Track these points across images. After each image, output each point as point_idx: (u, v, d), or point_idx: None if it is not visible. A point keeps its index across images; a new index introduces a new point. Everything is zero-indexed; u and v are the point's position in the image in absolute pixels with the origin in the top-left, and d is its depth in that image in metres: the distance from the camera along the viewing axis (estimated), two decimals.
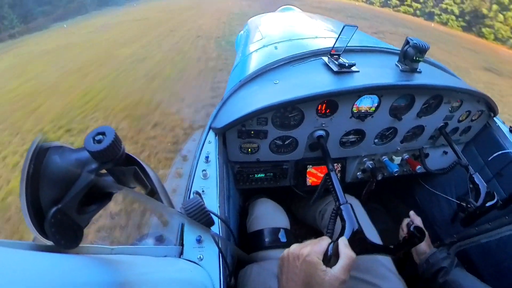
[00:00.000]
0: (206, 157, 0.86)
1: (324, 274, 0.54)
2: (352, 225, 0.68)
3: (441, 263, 0.96)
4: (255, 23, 2.08)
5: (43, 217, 0.30)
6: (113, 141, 0.33)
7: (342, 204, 0.74)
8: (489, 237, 1.10)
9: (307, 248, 0.59)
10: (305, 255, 0.57)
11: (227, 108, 0.98)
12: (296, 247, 0.61)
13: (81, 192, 0.33)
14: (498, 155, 1.11)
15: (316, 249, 0.58)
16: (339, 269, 0.54)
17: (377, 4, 23.11)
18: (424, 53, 0.95)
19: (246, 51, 1.55)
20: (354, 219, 0.69)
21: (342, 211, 0.72)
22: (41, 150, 0.31)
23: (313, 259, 0.56)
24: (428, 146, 1.25)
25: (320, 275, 0.54)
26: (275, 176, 1.16)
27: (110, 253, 0.47)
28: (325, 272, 0.54)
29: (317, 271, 0.54)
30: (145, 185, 0.43)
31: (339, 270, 0.54)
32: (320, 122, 0.99)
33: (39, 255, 0.31)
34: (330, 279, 0.53)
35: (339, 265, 0.55)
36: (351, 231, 0.67)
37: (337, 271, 0.54)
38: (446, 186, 1.34)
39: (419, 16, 19.76)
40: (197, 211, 0.58)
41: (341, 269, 0.54)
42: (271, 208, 1.13)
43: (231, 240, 0.83)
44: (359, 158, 1.20)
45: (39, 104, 4.73)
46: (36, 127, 4.00)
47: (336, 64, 0.98)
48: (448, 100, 1.07)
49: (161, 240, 0.81)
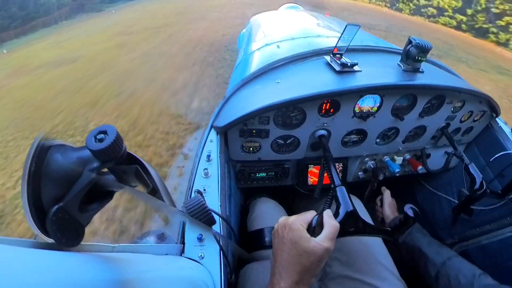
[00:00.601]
0: (207, 155, 0.86)
1: (308, 241, 0.56)
2: (346, 206, 0.68)
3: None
4: (257, 21, 2.07)
5: (45, 215, 0.30)
6: (115, 140, 0.33)
7: (337, 186, 0.74)
8: (490, 238, 1.09)
9: (293, 217, 0.62)
10: (290, 223, 0.60)
11: (229, 106, 0.98)
12: (283, 218, 0.64)
13: (83, 190, 0.33)
14: (500, 155, 1.11)
15: (301, 218, 0.62)
16: (323, 237, 0.57)
17: (406, 12, 17.55)
18: (427, 53, 0.94)
19: (248, 49, 1.54)
20: (348, 200, 0.69)
21: (336, 192, 0.73)
22: (43, 149, 0.31)
23: (296, 226, 0.59)
24: (430, 147, 1.25)
25: (304, 242, 0.56)
26: (276, 175, 1.16)
27: (111, 251, 0.47)
28: (309, 239, 0.56)
29: (302, 239, 0.56)
30: (146, 183, 0.43)
31: (323, 238, 0.56)
32: (322, 122, 0.99)
33: (41, 253, 0.31)
34: (314, 245, 0.55)
35: (322, 234, 0.57)
36: (344, 212, 0.67)
37: (321, 239, 0.56)
38: (447, 186, 1.34)
39: (466, 31, 13.98)
40: (199, 210, 0.58)
41: (325, 238, 0.57)
42: (271, 207, 1.13)
43: (232, 238, 0.84)
44: (360, 158, 1.19)
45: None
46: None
47: (338, 63, 0.98)
48: (451, 100, 1.06)
49: (162, 238, 0.81)
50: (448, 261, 0.88)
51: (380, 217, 1.15)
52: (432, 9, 16.24)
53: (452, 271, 0.85)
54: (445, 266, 0.87)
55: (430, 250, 0.93)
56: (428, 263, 0.91)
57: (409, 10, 17.57)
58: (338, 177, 0.79)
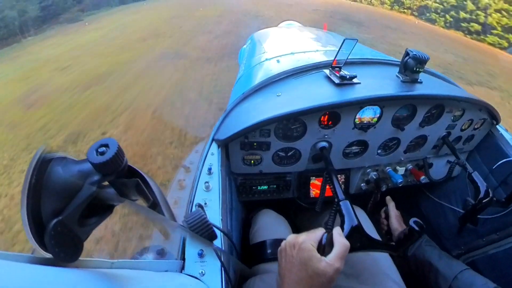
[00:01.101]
0: (208, 169, 0.85)
1: (318, 261, 0.54)
2: (351, 221, 0.67)
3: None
4: (258, 37, 2.13)
5: (44, 229, 0.30)
6: (116, 153, 0.33)
7: (341, 200, 0.73)
8: (497, 247, 1.07)
9: (302, 236, 0.60)
10: (300, 242, 0.58)
11: (230, 120, 0.99)
12: (292, 237, 0.62)
13: (83, 204, 0.33)
14: (502, 163, 1.10)
15: (310, 237, 0.60)
16: (333, 257, 0.55)
17: (441, 24, 14.08)
18: (424, 63, 0.96)
19: (249, 64, 1.58)
20: (353, 215, 0.68)
21: (341, 207, 0.71)
22: (44, 161, 0.31)
23: (307, 246, 0.57)
24: (432, 156, 1.24)
25: (314, 263, 0.54)
26: (278, 188, 1.15)
27: (110, 267, 0.46)
28: (319, 260, 0.54)
29: (312, 259, 0.55)
30: (147, 197, 0.42)
31: (333, 258, 0.55)
32: (323, 134, 0.99)
33: (38, 268, 0.30)
34: (325, 267, 0.53)
35: (333, 253, 0.56)
36: (350, 227, 0.66)
37: (331, 259, 0.55)
38: (451, 195, 1.32)
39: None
40: (199, 225, 0.57)
41: (335, 257, 0.55)
42: (273, 219, 1.11)
43: (234, 254, 0.82)
44: (362, 169, 1.18)
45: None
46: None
47: (337, 76, 0.99)
48: (450, 109, 1.07)
49: (162, 254, 0.79)
50: (460, 274, 0.85)
51: (384, 229, 1.13)
52: (476, 25, 12.47)
53: (464, 285, 0.82)
54: (456, 280, 0.85)
55: (440, 263, 0.90)
56: (439, 277, 0.88)
57: (444, 22, 14.07)
58: (342, 191, 0.78)
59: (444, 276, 0.87)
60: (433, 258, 0.93)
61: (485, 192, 0.95)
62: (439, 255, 0.93)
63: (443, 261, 0.91)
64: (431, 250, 0.95)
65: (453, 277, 0.85)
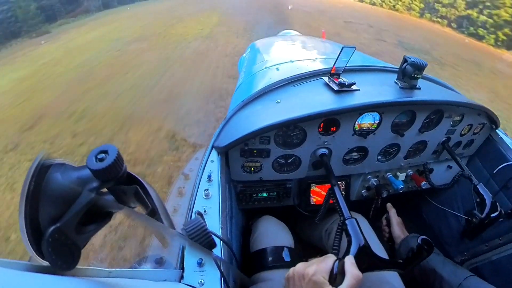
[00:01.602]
0: (208, 176, 0.85)
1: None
2: (358, 241, 0.66)
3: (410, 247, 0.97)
4: (257, 46, 2.16)
5: (41, 236, 0.29)
6: (115, 160, 0.33)
7: (347, 219, 0.72)
8: (500, 253, 1.06)
9: (313, 267, 0.57)
10: (311, 274, 0.56)
11: (230, 127, 0.99)
12: (301, 266, 0.60)
13: (81, 211, 0.32)
14: (503, 167, 1.10)
15: (321, 268, 0.57)
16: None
17: (491, 42, 11.59)
18: (422, 70, 0.97)
19: (248, 72, 1.60)
20: (360, 234, 0.67)
21: (347, 226, 0.70)
22: (43, 167, 0.31)
23: (319, 279, 0.55)
24: (432, 161, 1.24)
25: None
26: (278, 195, 1.14)
27: (108, 276, 0.45)
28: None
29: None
30: (146, 204, 0.42)
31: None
32: (323, 140, 0.99)
33: (34, 276, 0.30)
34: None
35: (344, 285, 0.54)
36: (357, 247, 0.65)
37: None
38: (453, 201, 1.31)
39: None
40: (199, 233, 0.57)
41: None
42: (274, 226, 1.10)
43: (234, 263, 0.80)
44: (363, 175, 1.18)
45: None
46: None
47: (336, 83, 1.00)
48: (449, 114, 1.07)
49: (160, 263, 0.78)
50: (465, 281, 0.84)
51: (386, 236, 1.12)
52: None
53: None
54: (461, 287, 0.83)
55: (445, 270, 0.89)
56: (443, 285, 0.87)
57: (494, 40, 11.50)
58: (347, 209, 0.77)
59: (449, 283, 0.86)
60: (437, 266, 0.91)
61: (491, 205, 0.94)
62: (443, 262, 0.92)
63: (447, 268, 0.89)
64: (435, 258, 0.94)
65: (458, 284, 0.84)
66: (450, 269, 0.89)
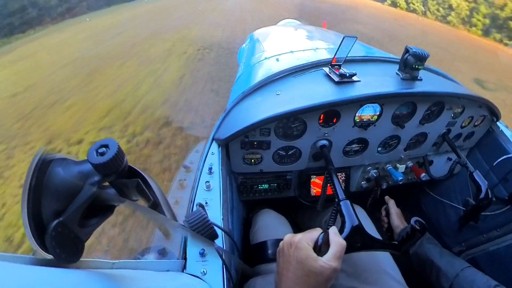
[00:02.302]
0: (209, 168, 0.85)
1: (314, 261, 0.54)
2: (352, 221, 0.67)
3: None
4: (257, 36, 2.12)
5: (44, 230, 0.30)
6: (116, 154, 0.33)
7: (342, 200, 0.73)
8: (497, 244, 1.07)
9: (299, 235, 0.60)
10: (297, 241, 0.58)
11: (230, 119, 0.99)
12: (289, 236, 0.62)
13: (83, 204, 0.33)
14: (502, 159, 1.10)
15: (307, 236, 0.60)
16: (329, 256, 0.55)
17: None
18: (424, 61, 0.96)
19: (248, 63, 1.58)
20: (353, 215, 0.68)
21: (341, 207, 0.71)
22: (44, 162, 0.31)
23: (303, 245, 0.57)
24: (432, 153, 1.24)
25: (310, 262, 0.54)
26: (278, 186, 1.15)
27: (111, 268, 0.46)
28: (315, 259, 0.54)
29: (308, 258, 0.55)
30: (147, 197, 0.42)
31: (330, 258, 0.55)
32: (323, 132, 0.99)
33: (39, 269, 0.30)
34: (321, 266, 0.53)
35: (329, 253, 0.56)
36: (350, 227, 0.66)
37: (328, 258, 0.55)
38: (451, 193, 1.32)
39: None
40: (201, 224, 0.58)
41: (332, 257, 0.55)
42: (274, 219, 1.11)
43: (235, 253, 0.82)
44: (363, 167, 1.18)
45: None
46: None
47: (337, 74, 0.99)
48: (450, 106, 1.06)
49: (163, 253, 0.79)
50: (462, 272, 0.85)
51: (385, 227, 1.13)
52: None
53: (466, 283, 0.82)
54: (458, 278, 0.85)
55: (442, 261, 0.91)
56: (440, 275, 0.89)
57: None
58: (342, 191, 0.78)
59: (445, 274, 0.88)
60: (435, 256, 0.93)
61: (485, 192, 0.95)
62: (440, 253, 0.94)
63: (444, 259, 0.91)
64: (432, 248, 0.96)
65: (455, 275, 0.85)
66: (447, 260, 0.91)
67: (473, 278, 0.83)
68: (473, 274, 0.85)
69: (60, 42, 8.61)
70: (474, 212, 1.00)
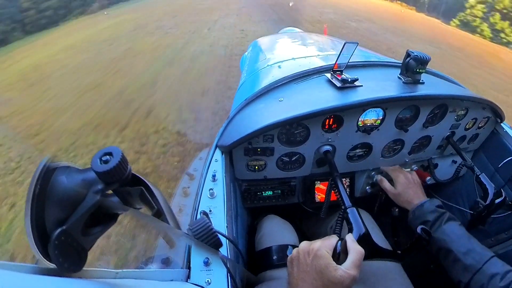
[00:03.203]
0: (213, 175, 0.85)
1: (335, 270, 0.52)
2: (359, 229, 0.66)
3: (426, 216, 0.88)
4: (259, 44, 2.15)
5: (47, 239, 0.30)
6: (120, 162, 0.33)
7: (348, 207, 0.72)
8: (506, 247, 1.04)
9: (317, 243, 0.58)
10: (316, 249, 0.56)
11: (233, 126, 0.99)
12: (305, 244, 0.60)
13: (87, 213, 0.33)
14: (508, 161, 1.08)
15: (326, 244, 0.58)
16: (349, 264, 0.53)
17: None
18: (426, 64, 0.95)
19: (251, 70, 1.59)
20: (360, 223, 0.67)
21: (348, 214, 0.70)
22: (48, 170, 0.31)
23: (323, 253, 0.55)
24: (437, 156, 1.23)
25: (331, 271, 0.52)
26: (283, 193, 1.14)
27: (115, 277, 0.45)
28: (336, 268, 0.53)
29: (328, 267, 0.53)
30: (151, 206, 0.42)
31: (350, 266, 0.53)
32: (326, 137, 0.99)
33: (41, 279, 0.30)
34: (341, 275, 0.51)
35: (349, 261, 0.54)
36: (358, 235, 0.65)
37: (348, 267, 0.53)
38: (458, 196, 1.29)
39: None
40: (205, 233, 0.57)
41: (352, 265, 0.53)
42: (278, 224, 1.10)
43: (240, 261, 0.80)
44: (367, 171, 1.17)
45: None
46: None
47: (339, 80, 0.99)
48: (453, 108, 1.06)
49: (167, 263, 0.79)
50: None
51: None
52: None
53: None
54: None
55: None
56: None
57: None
58: (348, 198, 0.77)
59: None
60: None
61: (495, 193, 0.93)
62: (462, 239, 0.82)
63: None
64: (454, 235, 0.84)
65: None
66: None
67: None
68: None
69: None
70: (484, 214, 0.98)
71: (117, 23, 11.12)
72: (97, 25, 11.51)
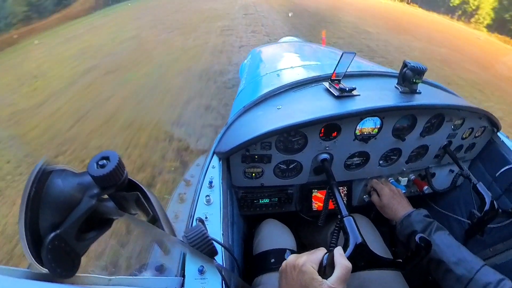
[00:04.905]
0: (209, 182, 0.85)
1: (319, 285, 0.52)
2: (355, 238, 0.65)
3: (414, 226, 0.88)
4: (258, 52, 2.18)
5: (41, 243, 0.29)
6: (116, 166, 0.33)
7: (345, 216, 0.72)
8: (504, 257, 1.04)
9: (303, 257, 0.58)
10: (301, 264, 0.56)
11: (231, 133, 0.99)
12: (292, 257, 0.60)
13: (81, 217, 0.32)
14: (505, 170, 1.09)
15: (311, 258, 0.57)
16: (334, 280, 0.52)
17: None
18: (422, 74, 0.98)
19: (249, 78, 1.61)
20: (356, 232, 0.67)
21: (344, 223, 0.70)
22: (44, 173, 0.31)
23: (308, 269, 0.55)
24: (434, 165, 1.23)
25: (315, 287, 0.52)
26: (280, 201, 1.13)
27: (107, 284, 0.44)
28: (321, 283, 0.52)
29: (312, 282, 0.53)
30: (147, 211, 0.42)
31: (335, 281, 0.52)
32: (324, 146, 0.99)
33: (33, 284, 0.29)
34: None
35: (334, 276, 0.53)
36: (354, 245, 0.64)
37: (333, 282, 0.52)
38: (455, 205, 1.29)
39: None
40: (200, 240, 0.56)
41: (337, 280, 0.52)
42: (277, 229, 1.09)
43: (235, 270, 0.79)
44: (365, 180, 1.17)
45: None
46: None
47: (337, 89, 1.00)
48: (450, 118, 1.07)
49: (161, 270, 0.77)
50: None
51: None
52: None
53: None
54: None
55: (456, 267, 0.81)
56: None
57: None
58: (345, 207, 0.77)
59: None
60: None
61: (490, 204, 0.93)
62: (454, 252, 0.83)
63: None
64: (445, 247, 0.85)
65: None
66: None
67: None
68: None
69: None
70: (480, 224, 0.98)
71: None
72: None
